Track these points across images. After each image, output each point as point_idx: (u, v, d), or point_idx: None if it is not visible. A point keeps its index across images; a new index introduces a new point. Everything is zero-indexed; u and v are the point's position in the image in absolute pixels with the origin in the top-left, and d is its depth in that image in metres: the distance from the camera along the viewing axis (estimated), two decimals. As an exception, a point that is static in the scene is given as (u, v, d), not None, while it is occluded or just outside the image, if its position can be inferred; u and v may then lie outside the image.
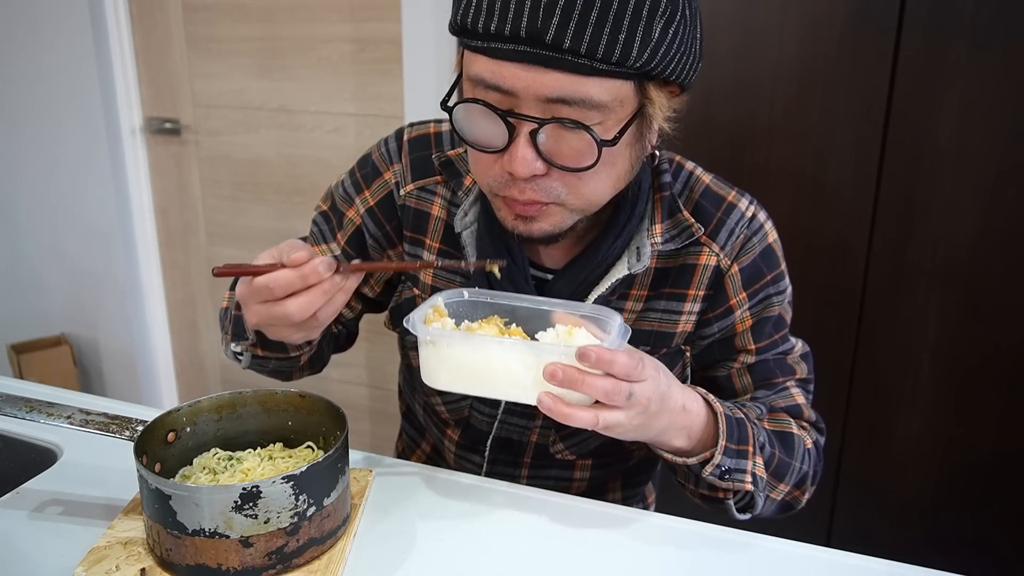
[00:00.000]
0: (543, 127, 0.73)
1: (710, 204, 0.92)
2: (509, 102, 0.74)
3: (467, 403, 1.01)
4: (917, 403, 1.67)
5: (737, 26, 1.60)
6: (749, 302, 0.92)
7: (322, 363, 1.07)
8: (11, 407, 0.80)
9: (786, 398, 0.95)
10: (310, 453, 0.85)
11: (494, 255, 0.90)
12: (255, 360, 0.96)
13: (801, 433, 0.93)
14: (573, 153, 0.75)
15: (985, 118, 1.49)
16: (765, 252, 0.93)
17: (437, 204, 0.96)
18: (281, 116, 2.26)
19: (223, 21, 2.24)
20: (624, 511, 0.87)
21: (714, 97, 1.65)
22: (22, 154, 2.58)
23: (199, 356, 2.67)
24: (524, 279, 0.90)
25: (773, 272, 0.93)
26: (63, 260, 2.64)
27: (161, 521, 0.71)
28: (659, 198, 0.91)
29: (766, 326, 0.94)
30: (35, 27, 2.41)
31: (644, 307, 0.93)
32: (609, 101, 0.73)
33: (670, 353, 0.94)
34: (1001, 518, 1.67)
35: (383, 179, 0.98)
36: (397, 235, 0.99)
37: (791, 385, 0.96)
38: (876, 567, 0.78)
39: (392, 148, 0.98)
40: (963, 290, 1.58)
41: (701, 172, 0.95)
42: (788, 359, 0.96)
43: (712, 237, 0.91)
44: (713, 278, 0.92)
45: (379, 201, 0.98)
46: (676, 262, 0.92)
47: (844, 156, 1.60)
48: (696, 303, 0.92)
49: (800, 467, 0.92)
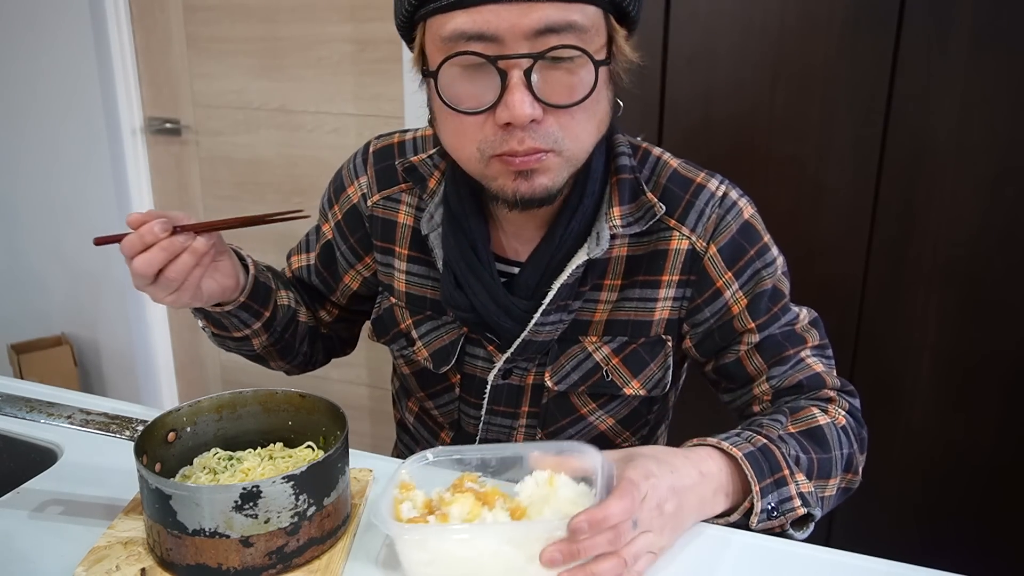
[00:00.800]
0: (537, 63, 0.72)
1: (678, 187, 0.91)
2: (495, 49, 0.73)
3: (455, 406, 1.01)
4: (917, 403, 1.67)
5: (737, 26, 1.60)
6: (738, 281, 0.90)
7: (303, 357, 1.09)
8: (11, 407, 0.80)
9: (803, 370, 0.91)
10: (310, 453, 0.85)
11: (459, 255, 0.90)
12: (215, 338, 1.01)
13: (829, 417, 0.88)
14: (566, 89, 0.75)
15: (985, 118, 1.49)
16: (743, 228, 0.90)
17: (403, 211, 0.97)
18: (281, 116, 2.26)
19: (223, 21, 2.24)
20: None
21: (714, 97, 1.65)
22: (22, 154, 2.58)
23: (199, 356, 2.67)
24: (490, 275, 0.90)
25: (756, 246, 0.91)
26: (63, 260, 2.64)
27: (161, 521, 0.71)
28: (616, 181, 0.89)
29: (762, 301, 0.91)
30: (35, 27, 2.41)
31: (619, 297, 0.92)
32: (589, 26, 0.74)
33: (649, 343, 0.93)
34: (1001, 518, 1.67)
35: (347, 193, 1.01)
36: (363, 246, 1.01)
37: (806, 355, 0.92)
38: (876, 567, 0.78)
39: (358, 163, 1.00)
40: (963, 290, 1.58)
41: (669, 157, 0.94)
42: (796, 328, 0.92)
43: (681, 220, 0.90)
44: (689, 262, 0.90)
45: (344, 214, 1.01)
46: (647, 249, 0.90)
47: (844, 156, 1.60)
48: (671, 288, 0.91)
49: (842, 454, 0.87)
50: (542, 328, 0.90)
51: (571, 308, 0.91)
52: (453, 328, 0.97)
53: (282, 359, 1.07)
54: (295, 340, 1.06)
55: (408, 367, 1.04)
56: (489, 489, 0.76)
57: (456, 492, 0.75)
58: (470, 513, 0.72)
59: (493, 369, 0.96)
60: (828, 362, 0.94)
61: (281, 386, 0.87)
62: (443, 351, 0.98)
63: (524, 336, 0.91)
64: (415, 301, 0.99)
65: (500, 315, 0.90)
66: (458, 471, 0.80)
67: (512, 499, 0.75)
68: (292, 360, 1.08)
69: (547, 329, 0.91)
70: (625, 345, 0.93)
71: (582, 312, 0.92)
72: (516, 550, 0.69)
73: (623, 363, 0.93)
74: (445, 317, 0.97)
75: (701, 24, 1.62)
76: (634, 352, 0.93)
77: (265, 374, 1.07)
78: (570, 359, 0.94)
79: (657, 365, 0.94)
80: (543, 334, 0.91)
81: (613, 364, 0.93)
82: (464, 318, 0.93)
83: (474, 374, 0.98)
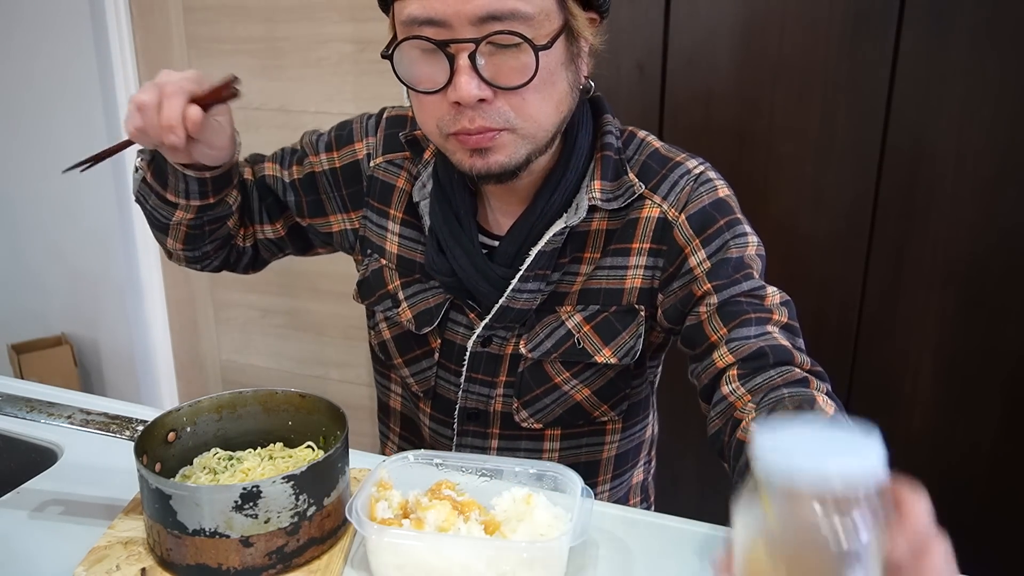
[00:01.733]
0: (479, 48, 0.77)
1: (656, 163, 0.94)
2: (444, 34, 0.78)
3: (432, 372, 1.02)
4: (917, 403, 1.67)
5: (737, 26, 1.60)
6: (704, 248, 0.90)
7: (201, 253, 1.07)
8: (11, 407, 0.80)
9: (767, 339, 0.84)
10: (310, 453, 0.85)
11: (443, 223, 0.94)
12: (143, 185, 1.00)
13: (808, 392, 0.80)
14: (512, 72, 0.79)
15: (985, 118, 1.49)
16: (716, 202, 0.91)
17: (403, 178, 1.01)
18: (281, 116, 2.26)
19: (223, 21, 2.24)
20: (624, 510, 0.87)
21: (714, 97, 1.65)
22: (21, 154, 2.58)
23: (199, 356, 2.67)
24: (470, 241, 0.93)
25: (727, 217, 0.91)
26: (63, 260, 2.64)
27: (161, 521, 0.71)
28: (600, 156, 0.93)
29: (725, 267, 0.89)
30: (35, 27, 2.41)
31: (595, 268, 0.94)
32: (535, 13, 0.78)
33: (620, 311, 0.94)
34: (1001, 518, 1.67)
35: (354, 148, 1.04)
36: (353, 202, 1.05)
37: (771, 328, 0.86)
38: (876, 567, 0.78)
39: (371, 124, 1.05)
40: (963, 290, 1.58)
41: (653, 139, 0.97)
42: (764, 302, 0.88)
43: (654, 190, 0.93)
44: (660, 231, 0.92)
45: (344, 166, 1.04)
46: (622, 221, 0.93)
47: (844, 156, 1.60)
48: (642, 256, 0.93)
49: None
50: (519, 295, 0.93)
51: (550, 279, 0.94)
52: (439, 292, 1.00)
53: (183, 243, 1.04)
54: (207, 235, 1.04)
55: (389, 331, 1.05)
56: (467, 500, 0.76)
57: (433, 497, 0.76)
58: (445, 521, 0.73)
59: (472, 336, 0.98)
60: (797, 343, 0.87)
61: (281, 386, 0.87)
62: (427, 313, 1.00)
63: (502, 302, 0.94)
64: (405, 264, 1.02)
65: (479, 280, 0.93)
66: (438, 474, 0.80)
67: (487, 512, 0.76)
68: (190, 250, 1.06)
69: (525, 297, 0.93)
70: (597, 313, 0.95)
71: (561, 284, 0.95)
72: (486, 567, 0.70)
73: (594, 331, 0.95)
74: (432, 282, 1.00)
75: (701, 24, 1.62)
76: (605, 320, 0.95)
77: (265, 374, 1.08)
78: (544, 327, 0.96)
79: (629, 334, 0.95)
80: (521, 302, 0.93)
81: (584, 332, 0.95)
82: (446, 283, 0.97)
83: (454, 340, 1.00)
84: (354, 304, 1.12)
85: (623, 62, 1.67)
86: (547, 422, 1.00)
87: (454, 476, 0.81)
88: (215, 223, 1.03)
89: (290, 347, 2.48)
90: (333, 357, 2.42)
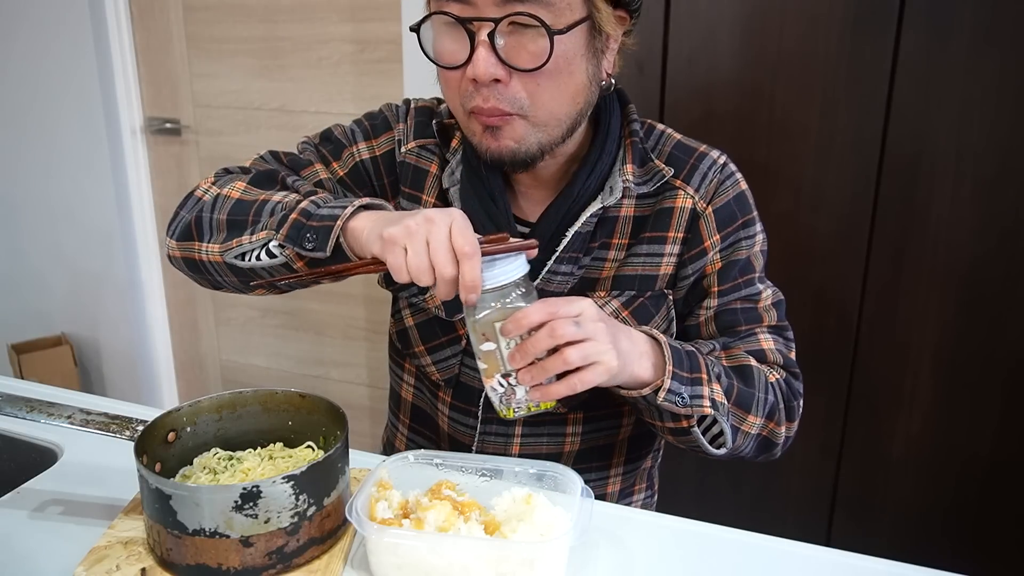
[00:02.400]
0: (499, 27, 0.79)
1: (682, 153, 0.98)
2: (468, 11, 0.80)
3: (457, 360, 1.02)
4: (917, 403, 1.67)
5: (737, 25, 1.60)
6: (721, 244, 0.96)
7: (281, 286, 1.02)
8: (11, 407, 0.80)
9: (751, 343, 0.97)
10: (310, 453, 0.85)
11: (479, 206, 0.95)
12: (280, 268, 0.88)
13: (761, 368, 0.94)
14: (530, 56, 0.81)
15: (985, 118, 1.49)
16: (738, 197, 0.97)
17: (436, 164, 1.02)
18: (281, 116, 2.26)
19: (223, 21, 2.25)
20: (624, 510, 0.87)
21: (714, 96, 1.65)
22: (22, 154, 2.58)
23: (199, 356, 2.67)
24: (508, 223, 0.94)
25: (745, 216, 0.97)
26: (63, 260, 2.64)
27: (161, 521, 0.71)
28: (630, 143, 0.96)
29: (732, 270, 0.97)
30: (35, 27, 2.41)
31: (627, 254, 0.97)
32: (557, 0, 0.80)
33: (654, 296, 0.98)
34: (1001, 518, 1.67)
35: (391, 134, 1.03)
36: (392, 189, 1.04)
37: (758, 331, 0.98)
38: (876, 567, 0.78)
39: (401, 110, 1.05)
40: (963, 290, 1.58)
41: (672, 131, 1.01)
42: (758, 307, 0.98)
43: (687, 181, 0.96)
44: (691, 220, 0.96)
45: (384, 154, 1.03)
46: (653, 208, 0.96)
47: (844, 156, 1.60)
48: (676, 245, 0.96)
49: (765, 397, 0.93)
50: (554, 277, 0.95)
51: (581, 263, 0.96)
52: None
53: (271, 289, 1.00)
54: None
55: (413, 317, 1.05)
56: (468, 500, 0.76)
57: (434, 498, 0.76)
58: (445, 521, 0.73)
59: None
60: (782, 341, 0.99)
61: (280, 386, 0.87)
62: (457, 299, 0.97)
63: (536, 284, 0.95)
64: None
65: None
66: (438, 474, 0.80)
67: (487, 512, 0.76)
68: (274, 291, 1.00)
69: (558, 280, 0.96)
70: (634, 299, 0.97)
71: (591, 270, 0.97)
72: (486, 566, 0.70)
73: (632, 316, 0.97)
74: None
75: (701, 24, 1.62)
76: (642, 305, 0.97)
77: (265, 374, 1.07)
78: None
79: (661, 317, 0.98)
80: (554, 284, 0.96)
81: (623, 317, 0.97)
82: None
83: None
84: (354, 304, 1.11)
85: (623, 61, 1.67)
86: (572, 405, 1.01)
87: (454, 476, 0.81)
88: None
89: (290, 347, 2.48)
90: (333, 357, 2.42)
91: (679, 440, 0.91)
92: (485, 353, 0.79)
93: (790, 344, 1.00)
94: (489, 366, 0.79)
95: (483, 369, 0.80)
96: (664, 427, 0.90)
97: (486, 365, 0.79)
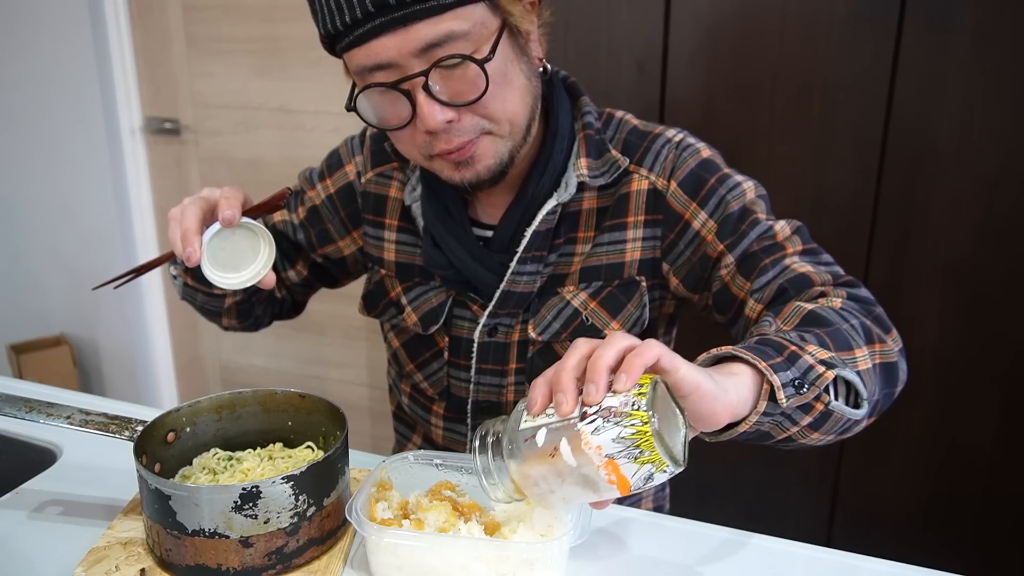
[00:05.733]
0: (429, 76, 0.80)
1: (636, 139, 0.97)
2: (394, 74, 0.81)
3: (443, 372, 1.04)
4: (917, 403, 1.67)
5: (737, 26, 1.60)
6: (704, 209, 0.93)
7: (254, 319, 1.12)
8: (11, 407, 0.80)
9: (785, 274, 0.88)
10: (310, 453, 0.85)
11: (434, 217, 0.97)
12: (186, 289, 1.04)
13: (819, 304, 0.83)
14: (467, 88, 0.81)
15: (985, 118, 1.49)
16: (702, 164, 0.94)
17: (394, 187, 1.04)
18: (281, 116, 2.26)
19: (223, 21, 2.24)
20: (624, 510, 0.87)
21: (714, 97, 1.65)
22: (21, 154, 2.58)
23: (199, 356, 2.67)
24: (463, 231, 0.96)
25: (716, 175, 0.94)
26: (63, 260, 2.64)
27: (161, 521, 0.71)
28: (584, 136, 0.96)
29: (730, 223, 0.92)
30: (35, 27, 2.41)
31: (592, 246, 0.96)
32: (470, 28, 0.80)
33: (623, 284, 0.97)
34: (1001, 518, 1.67)
35: (344, 170, 1.08)
36: (352, 221, 1.08)
37: (789, 261, 0.89)
38: (876, 567, 0.78)
39: (355, 144, 1.09)
40: (964, 290, 1.58)
41: (630, 117, 1.00)
42: (777, 240, 0.91)
43: (640, 163, 0.95)
44: (652, 201, 0.95)
45: (338, 190, 1.08)
46: (613, 197, 0.96)
47: (844, 156, 1.59)
48: (638, 229, 0.95)
49: (851, 325, 0.81)
50: (519, 278, 0.95)
51: (547, 261, 0.96)
52: (440, 290, 1.02)
53: (237, 319, 1.09)
54: (255, 305, 1.09)
55: (398, 338, 1.08)
56: (468, 501, 0.76)
57: (434, 499, 0.76)
58: (445, 522, 0.73)
59: (478, 327, 1.00)
60: (818, 264, 0.90)
61: (280, 386, 0.87)
62: (431, 313, 1.02)
63: (503, 287, 0.96)
64: (404, 269, 1.04)
65: (477, 268, 0.96)
66: (438, 475, 0.80)
67: (487, 513, 0.76)
68: (244, 321, 1.11)
69: (524, 280, 0.95)
70: (601, 289, 0.97)
71: (559, 266, 0.97)
72: (486, 567, 0.70)
73: (601, 306, 0.97)
74: (432, 282, 1.02)
75: (701, 24, 1.62)
76: (611, 295, 0.97)
77: (265, 375, 1.08)
78: (550, 310, 0.98)
79: (633, 305, 0.97)
80: (521, 285, 0.96)
81: (592, 308, 0.97)
82: (445, 277, 0.99)
83: (461, 335, 1.02)
84: (354, 304, 1.12)
85: (623, 61, 1.67)
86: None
87: (454, 476, 0.81)
88: (259, 292, 1.06)
89: (290, 347, 2.48)
90: (333, 357, 2.42)
91: (824, 432, 0.76)
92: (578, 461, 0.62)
93: (831, 264, 0.92)
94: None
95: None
96: (802, 429, 0.75)
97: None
